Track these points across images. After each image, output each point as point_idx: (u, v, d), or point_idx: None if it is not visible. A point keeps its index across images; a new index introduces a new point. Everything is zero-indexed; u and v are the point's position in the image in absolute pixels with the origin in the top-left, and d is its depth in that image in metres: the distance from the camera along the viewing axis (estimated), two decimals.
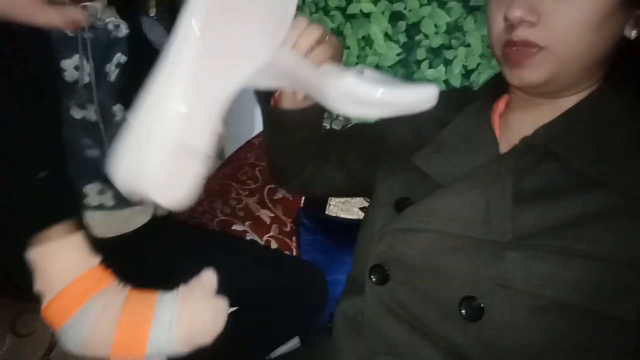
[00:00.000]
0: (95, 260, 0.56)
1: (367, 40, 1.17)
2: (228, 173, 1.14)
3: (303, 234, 0.93)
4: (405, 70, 1.14)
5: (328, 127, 1.18)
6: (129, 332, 0.52)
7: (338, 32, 1.20)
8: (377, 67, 1.16)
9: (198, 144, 0.47)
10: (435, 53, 1.11)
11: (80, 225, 0.56)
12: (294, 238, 0.99)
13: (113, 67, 0.82)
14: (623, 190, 0.47)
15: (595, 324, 0.47)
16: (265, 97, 0.74)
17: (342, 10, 1.19)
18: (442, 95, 0.76)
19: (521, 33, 0.51)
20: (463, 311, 0.50)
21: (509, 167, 0.53)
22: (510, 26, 0.51)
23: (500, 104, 0.63)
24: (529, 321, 0.48)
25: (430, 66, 1.12)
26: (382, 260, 0.57)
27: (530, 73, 0.52)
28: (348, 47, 1.20)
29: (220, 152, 1.45)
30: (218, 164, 1.41)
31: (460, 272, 0.51)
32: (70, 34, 0.76)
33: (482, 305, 0.49)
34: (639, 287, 0.45)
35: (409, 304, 0.55)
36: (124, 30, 0.85)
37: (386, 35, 1.15)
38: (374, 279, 0.57)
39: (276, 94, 0.72)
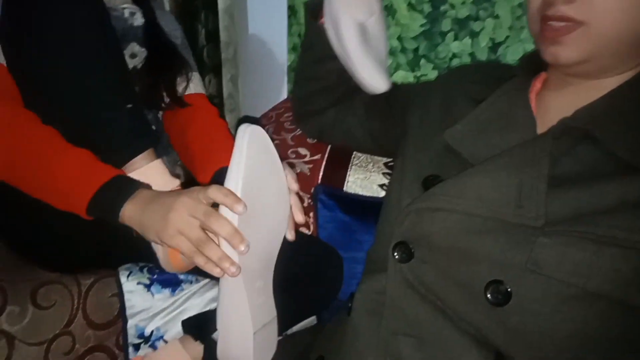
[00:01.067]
0: (175, 181, 0.65)
1: (390, 10, 1.12)
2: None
3: (321, 210, 0.92)
4: (429, 42, 1.10)
5: None
6: None
7: None
8: (400, 38, 1.12)
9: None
10: (461, 24, 1.06)
11: (155, 154, 0.66)
12: (311, 214, 0.97)
13: (128, 57, 0.81)
14: None
15: (626, 316, 0.45)
16: (313, 15, 0.76)
17: None
18: (478, 69, 0.74)
19: (558, 8, 0.48)
20: (489, 295, 0.49)
21: (545, 149, 0.51)
22: (548, 2, 0.49)
23: (537, 83, 0.60)
24: (557, 309, 0.46)
25: (456, 38, 1.07)
26: (406, 238, 0.56)
27: (566, 50, 0.50)
28: None
29: (236, 125, 1.43)
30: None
31: (487, 255, 0.50)
32: None
33: (509, 290, 0.48)
34: None
35: (432, 283, 0.54)
36: (139, 19, 0.83)
37: (410, 4, 1.10)
38: (397, 256, 0.56)
39: (323, 17, 0.74)
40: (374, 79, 0.58)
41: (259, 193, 0.55)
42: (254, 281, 0.57)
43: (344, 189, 0.96)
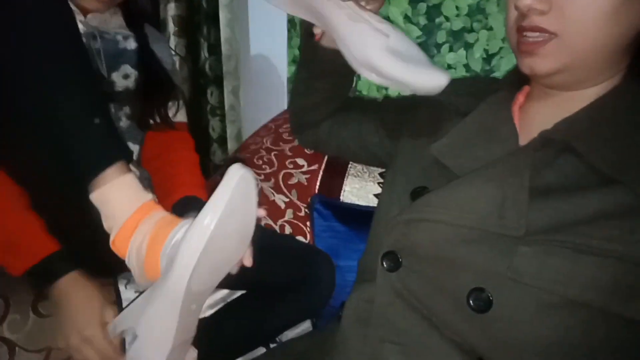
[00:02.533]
0: (148, 195, 0.63)
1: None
2: (244, 157, 1.15)
3: (317, 219, 0.93)
4: (425, 53, 1.11)
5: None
6: (151, 250, 0.58)
7: None
8: None
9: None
10: (456, 36, 1.07)
11: (129, 167, 0.64)
12: (308, 223, 0.99)
13: (120, 77, 0.84)
14: (636, 189, 0.46)
15: (606, 324, 0.46)
16: (309, 33, 0.77)
17: None
18: (464, 83, 0.76)
19: (532, 19, 0.50)
20: (471, 302, 0.50)
21: (527, 161, 0.52)
22: (522, 14, 0.50)
23: (521, 96, 0.61)
24: (537, 317, 0.47)
25: (451, 50, 1.09)
26: (394, 248, 0.57)
27: (541, 61, 0.51)
28: None
29: (237, 135, 1.45)
30: (235, 147, 1.42)
31: (471, 264, 0.51)
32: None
33: (490, 297, 0.49)
34: None
35: (419, 292, 0.55)
36: (133, 44, 0.87)
37: (406, 17, 1.12)
38: (385, 266, 0.57)
39: (317, 34, 0.75)
40: (432, 80, 0.58)
41: (226, 234, 0.57)
42: (190, 304, 0.59)
43: (341, 198, 0.98)
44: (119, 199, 0.60)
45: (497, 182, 0.52)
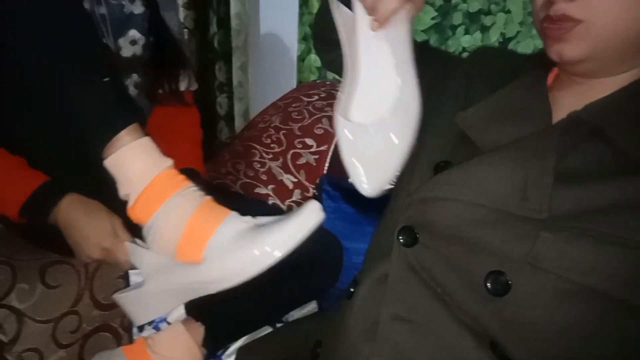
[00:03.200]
0: (167, 160, 0.60)
1: None
2: (252, 135, 1.14)
3: (325, 201, 0.92)
4: (440, 35, 1.09)
5: None
6: (194, 233, 0.56)
7: None
8: None
9: None
10: (473, 18, 1.05)
11: (143, 130, 0.61)
12: None
13: (128, 43, 0.82)
14: None
15: (622, 314, 0.46)
16: None
17: None
18: (498, 56, 0.72)
19: (558, 7, 0.49)
20: (489, 284, 0.49)
21: (553, 143, 0.51)
22: (549, 1, 0.49)
23: (550, 78, 0.60)
24: (554, 303, 0.47)
25: (467, 32, 1.07)
26: (412, 223, 0.56)
27: (569, 48, 0.50)
28: None
29: (244, 113, 1.44)
30: (242, 125, 1.41)
31: (489, 245, 0.50)
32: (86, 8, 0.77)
33: (509, 281, 0.48)
34: None
35: (434, 270, 0.54)
36: (140, 7, 0.84)
37: None
38: (402, 240, 0.56)
39: None
40: (360, 180, 0.58)
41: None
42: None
43: (349, 179, 0.97)
44: (136, 163, 0.57)
45: (521, 162, 0.51)
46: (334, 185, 0.92)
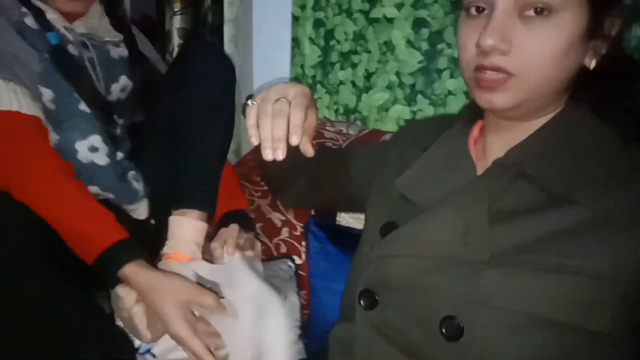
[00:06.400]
0: None
1: (389, 46, 1.16)
2: (242, 172, 1.15)
3: (312, 241, 0.93)
4: (426, 78, 1.13)
5: (345, 130, 1.17)
6: None
7: (360, 36, 1.19)
8: (398, 73, 1.15)
9: None
10: (457, 63, 1.08)
11: None
12: (303, 243, 0.99)
13: (118, 91, 0.85)
14: (588, 206, 0.49)
15: (572, 337, 0.48)
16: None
17: (366, 13, 1.17)
18: (426, 122, 0.80)
19: (493, 59, 0.52)
20: (444, 330, 0.52)
21: (485, 189, 0.55)
22: (482, 52, 0.52)
23: (475, 130, 0.65)
24: (509, 338, 0.49)
25: (452, 76, 1.10)
26: (370, 285, 0.60)
27: (500, 97, 0.53)
28: (369, 52, 1.18)
29: (236, 150, 1.45)
30: (233, 162, 1.42)
31: (441, 292, 0.53)
32: (74, 54, 0.80)
33: (461, 324, 0.51)
34: (609, 299, 0.47)
35: (396, 326, 0.57)
36: (124, 50, 0.87)
37: (408, 41, 1.14)
38: (363, 304, 0.59)
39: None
40: None
41: None
42: None
43: (337, 219, 0.98)
44: None
45: (458, 212, 0.55)
46: (320, 225, 0.94)
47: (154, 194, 0.90)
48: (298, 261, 0.98)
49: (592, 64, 0.54)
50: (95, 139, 0.82)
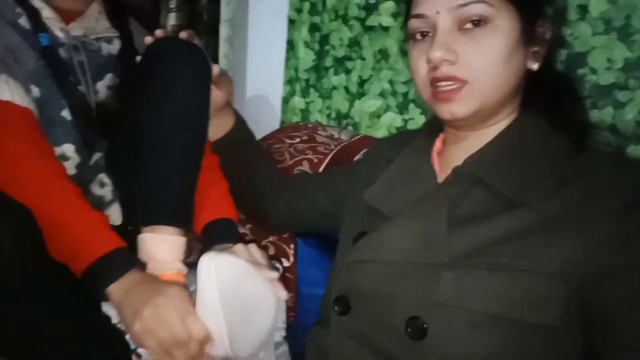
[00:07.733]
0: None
1: (384, 54, 1.17)
2: None
3: (301, 245, 0.94)
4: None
5: (336, 135, 1.18)
6: None
7: (355, 42, 1.20)
8: (391, 81, 1.17)
9: None
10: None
11: None
12: (292, 246, 1.00)
13: (104, 88, 0.84)
14: (537, 209, 0.53)
15: (525, 333, 0.52)
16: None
17: (362, 21, 1.19)
18: (393, 137, 0.85)
19: (444, 70, 0.57)
20: (409, 330, 0.55)
21: (444, 196, 0.59)
22: (434, 67, 0.57)
23: (438, 142, 0.69)
24: (468, 337, 0.53)
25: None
26: (343, 292, 0.63)
27: (459, 106, 0.58)
28: (364, 58, 1.20)
29: None
30: None
31: (405, 295, 0.57)
32: (64, 56, 0.79)
33: (425, 324, 0.54)
34: (559, 295, 0.51)
35: (368, 330, 0.60)
36: (117, 46, 0.86)
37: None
38: (337, 310, 0.63)
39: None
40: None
41: (243, 308, 0.63)
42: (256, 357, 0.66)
43: None
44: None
45: (420, 219, 0.59)
46: (308, 232, 0.95)
47: (125, 199, 0.84)
48: (286, 264, 0.99)
49: (535, 66, 0.59)
50: (69, 148, 0.80)
